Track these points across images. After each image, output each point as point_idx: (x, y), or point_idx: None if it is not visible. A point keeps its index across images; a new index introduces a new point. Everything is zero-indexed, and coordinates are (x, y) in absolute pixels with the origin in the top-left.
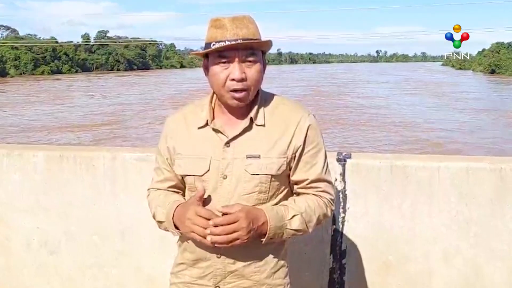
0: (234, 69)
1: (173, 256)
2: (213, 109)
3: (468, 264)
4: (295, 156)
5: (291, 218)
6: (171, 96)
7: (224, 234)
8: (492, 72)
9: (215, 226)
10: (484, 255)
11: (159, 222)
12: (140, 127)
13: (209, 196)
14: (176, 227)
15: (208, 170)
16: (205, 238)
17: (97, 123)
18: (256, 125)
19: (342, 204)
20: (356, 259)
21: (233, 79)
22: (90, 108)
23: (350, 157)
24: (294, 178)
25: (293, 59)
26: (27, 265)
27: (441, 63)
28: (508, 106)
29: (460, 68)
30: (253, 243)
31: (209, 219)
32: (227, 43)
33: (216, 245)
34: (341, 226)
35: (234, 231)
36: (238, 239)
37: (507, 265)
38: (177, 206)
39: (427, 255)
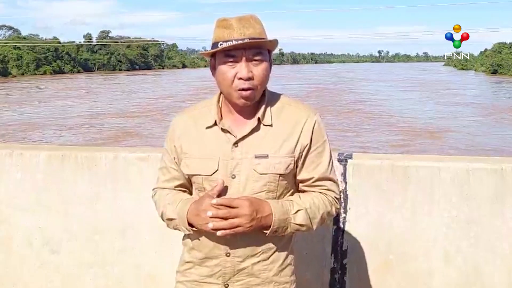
0: (241, 68)
1: (173, 254)
2: (220, 109)
3: (468, 264)
4: (301, 155)
5: (295, 213)
6: (194, 91)
7: (226, 219)
8: (494, 72)
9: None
10: (484, 254)
11: (169, 220)
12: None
13: (219, 195)
14: (189, 224)
15: (217, 170)
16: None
17: (146, 111)
18: (264, 125)
19: (343, 204)
20: (357, 258)
21: (240, 78)
22: (124, 101)
23: (351, 157)
24: (299, 176)
25: (295, 59)
26: (28, 263)
27: (443, 63)
28: (492, 101)
29: (462, 69)
30: (261, 240)
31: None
32: (234, 42)
33: (218, 233)
34: (342, 226)
35: (236, 217)
36: (240, 226)
37: (507, 264)
38: (191, 203)
39: (428, 254)
